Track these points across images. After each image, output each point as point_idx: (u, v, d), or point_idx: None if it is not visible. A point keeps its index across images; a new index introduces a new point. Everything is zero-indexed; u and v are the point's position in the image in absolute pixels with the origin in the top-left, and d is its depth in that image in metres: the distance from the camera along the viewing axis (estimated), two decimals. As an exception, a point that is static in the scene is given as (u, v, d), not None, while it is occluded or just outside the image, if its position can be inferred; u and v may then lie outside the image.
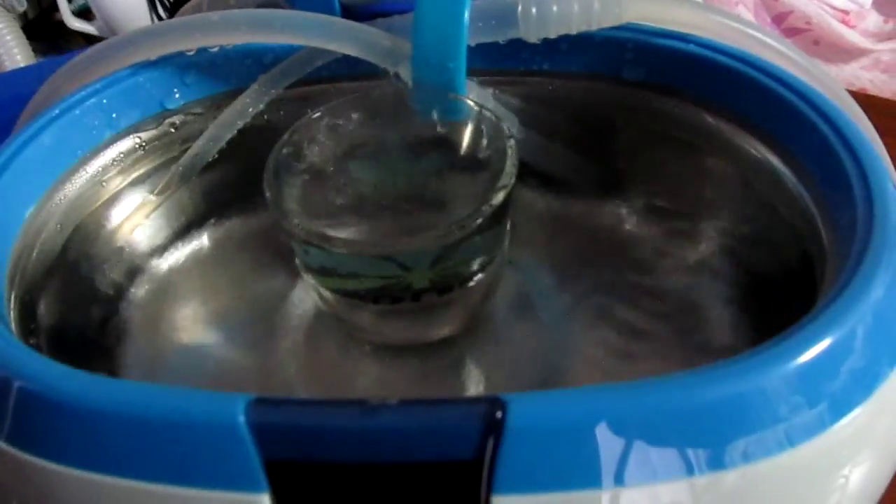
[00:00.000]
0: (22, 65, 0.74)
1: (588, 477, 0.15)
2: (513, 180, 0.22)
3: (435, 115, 0.25)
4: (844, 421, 0.17)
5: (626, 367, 0.24)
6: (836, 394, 0.17)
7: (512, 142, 0.23)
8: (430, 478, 0.16)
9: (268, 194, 0.23)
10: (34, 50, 0.77)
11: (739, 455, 0.16)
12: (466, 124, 0.25)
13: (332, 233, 0.22)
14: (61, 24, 0.79)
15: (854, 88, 0.68)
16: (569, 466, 0.15)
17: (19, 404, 0.17)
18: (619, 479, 0.16)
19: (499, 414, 0.15)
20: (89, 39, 0.81)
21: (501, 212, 0.22)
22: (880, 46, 0.69)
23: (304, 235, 0.22)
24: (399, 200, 0.25)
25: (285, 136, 0.24)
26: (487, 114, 0.24)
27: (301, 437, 0.16)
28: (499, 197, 0.22)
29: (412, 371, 0.25)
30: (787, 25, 0.71)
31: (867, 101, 0.26)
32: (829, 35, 0.69)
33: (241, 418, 0.16)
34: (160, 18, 0.74)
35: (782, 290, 0.23)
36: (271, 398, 0.16)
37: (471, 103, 0.24)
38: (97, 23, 0.79)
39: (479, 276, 0.24)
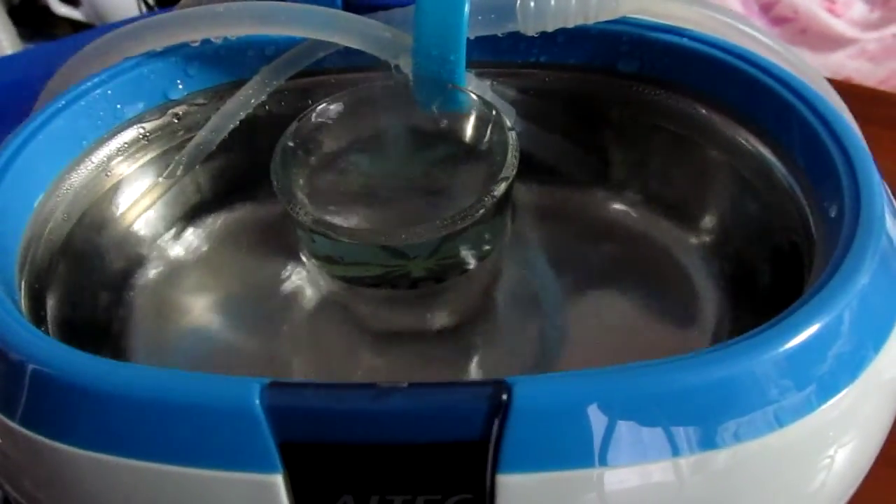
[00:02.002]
0: (8, 51, 0.74)
1: (590, 456, 0.16)
2: (514, 172, 0.23)
3: (436, 107, 0.25)
4: (831, 403, 0.18)
5: (623, 352, 0.24)
6: (823, 377, 0.17)
7: (513, 134, 0.23)
8: (438, 458, 0.16)
9: (275, 183, 0.23)
10: (20, 36, 0.77)
11: (731, 435, 0.17)
12: (468, 116, 0.25)
13: (338, 221, 0.23)
14: (47, 9, 0.79)
15: (839, 77, 0.68)
16: (572, 446, 0.16)
17: (34, 387, 0.18)
18: (620, 458, 0.16)
19: (504, 396, 0.16)
20: (75, 25, 0.81)
21: (502, 203, 0.23)
22: (866, 35, 0.70)
23: (310, 224, 0.22)
24: (402, 190, 0.26)
25: (292, 126, 0.25)
26: (488, 106, 0.25)
27: (314, 420, 0.16)
28: (501, 188, 0.22)
29: (414, 358, 0.25)
30: (775, 14, 0.71)
31: (852, 90, 0.27)
32: (815, 24, 0.70)
33: (257, 402, 0.16)
34: (147, 4, 0.74)
35: (772, 277, 0.24)
36: (285, 382, 0.17)
37: (473, 95, 0.25)
38: (83, 8, 0.79)
39: (478, 265, 0.24)
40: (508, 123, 0.24)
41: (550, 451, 0.16)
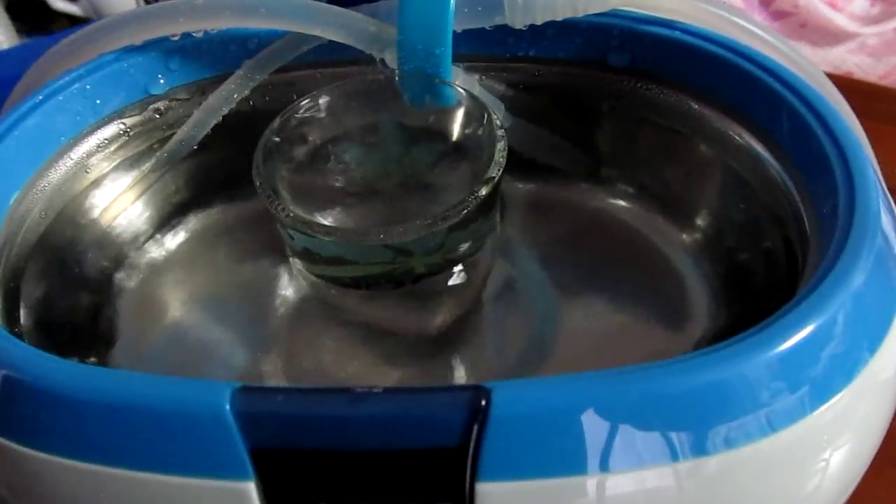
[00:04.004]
0: (5, 45, 0.73)
1: (572, 463, 0.16)
2: (500, 172, 0.22)
3: (423, 102, 0.25)
4: (825, 406, 0.17)
5: (612, 353, 0.24)
6: (817, 380, 0.17)
7: (501, 132, 0.23)
8: (415, 465, 0.16)
9: (257, 181, 0.23)
10: (17, 30, 0.76)
11: (722, 441, 0.16)
12: (456, 111, 0.25)
13: (321, 220, 0.22)
14: (44, 4, 0.78)
15: (840, 72, 0.68)
16: (552, 453, 0.16)
17: (4, 393, 0.17)
18: (602, 466, 0.16)
19: (483, 402, 0.15)
20: (73, 20, 0.80)
21: (490, 201, 0.22)
22: (867, 30, 0.69)
23: (289, 221, 0.22)
24: (388, 187, 0.25)
25: (275, 122, 0.24)
26: (476, 101, 0.24)
27: (287, 426, 0.16)
28: (485, 190, 0.22)
29: (400, 357, 0.25)
30: (775, 8, 0.71)
31: (853, 85, 0.26)
32: (815, 18, 0.69)
33: (227, 407, 0.16)
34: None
35: (765, 276, 0.23)
36: (257, 387, 0.16)
37: (460, 90, 0.24)
38: (81, 3, 0.78)
39: (466, 264, 0.24)
40: (497, 120, 0.23)
41: (531, 459, 0.16)
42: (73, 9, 0.79)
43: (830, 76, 0.26)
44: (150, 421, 0.16)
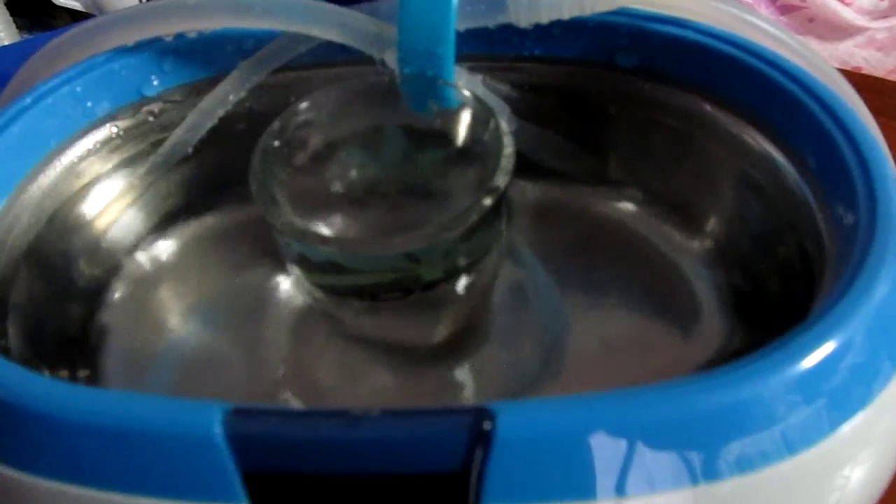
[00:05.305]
0: (6, 42, 0.73)
1: (581, 488, 0.15)
2: (507, 181, 0.21)
3: (425, 104, 0.24)
4: (847, 425, 0.16)
5: (623, 366, 0.23)
6: (838, 398, 0.16)
7: (508, 137, 0.22)
8: (415, 490, 0.15)
9: (254, 187, 0.22)
10: (19, 26, 0.76)
11: (737, 464, 0.15)
12: (459, 114, 0.24)
13: (320, 227, 0.21)
14: (47, -1, 0.78)
15: (848, 67, 0.67)
16: (560, 478, 0.15)
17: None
18: (613, 491, 0.15)
19: (486, 424, 0.15)
20: (75, 15, 0.80)
21: (495, 210, 0.22)
22: (875, 24, 0.69)
23: (287, 231, 0.21)
24: (391, 192, 0.25)
25: (273, 126, 0.24)
26: (481, 103, 0.23)
27: (280, 449, 0.15)
28: (491, 199, 0.21)
29: (403, 371, 0.24)
30: (782, 2, 0.70)
31: (861, 80, 0.25)
32: (824, 12, 0.69)
33: (218, 429, 0.15)
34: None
35: (780, 285, 0.23)
36: (249, 408, 0.15)
37: (464, 92, 0.24)
38: (83, -3, 0.78)
39: (470, 274, 0.23)
40: (504, 125, 0.22)
41: (538, 483, 0.15)
42: (74, 4, 0.78)
43: (839, 72, 0.25)
44: (138, 443, 0.15)
